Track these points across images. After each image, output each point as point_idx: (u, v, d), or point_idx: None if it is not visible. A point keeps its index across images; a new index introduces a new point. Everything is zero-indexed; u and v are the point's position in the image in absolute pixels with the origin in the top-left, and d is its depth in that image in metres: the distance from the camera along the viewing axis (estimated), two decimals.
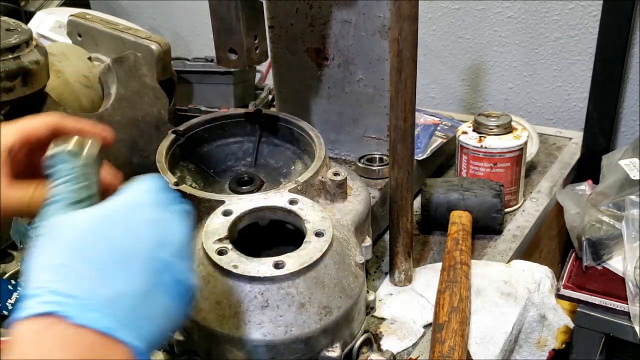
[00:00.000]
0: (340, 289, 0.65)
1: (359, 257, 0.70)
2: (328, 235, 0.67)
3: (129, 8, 2.03)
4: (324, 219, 0.69)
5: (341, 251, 0.68)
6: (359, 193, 0.81)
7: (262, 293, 0.62)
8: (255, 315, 0.62)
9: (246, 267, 0.63)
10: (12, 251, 0.93)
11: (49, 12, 1.52)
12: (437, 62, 1.53)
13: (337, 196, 0.79)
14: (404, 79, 0.77)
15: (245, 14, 0.81)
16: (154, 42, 1.09)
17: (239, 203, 0.73)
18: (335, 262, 0.66)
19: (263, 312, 0.62)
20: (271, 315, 0.62)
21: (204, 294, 0.64)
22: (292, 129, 0.93)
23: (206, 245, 0.66)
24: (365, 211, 0.79)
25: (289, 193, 0.75)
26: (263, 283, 0.62)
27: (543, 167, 1.24)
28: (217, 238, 0.67)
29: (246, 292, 0.63)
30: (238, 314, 0.63)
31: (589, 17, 1.31)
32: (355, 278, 0.68)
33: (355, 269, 0.68)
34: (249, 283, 0.63)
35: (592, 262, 1.05)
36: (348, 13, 0.97)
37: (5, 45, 0.85)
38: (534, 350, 0.87)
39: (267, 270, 0.63)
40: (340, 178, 0.78)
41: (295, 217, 0.71)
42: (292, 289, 0.62)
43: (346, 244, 0.70)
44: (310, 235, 0.67)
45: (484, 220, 0.99)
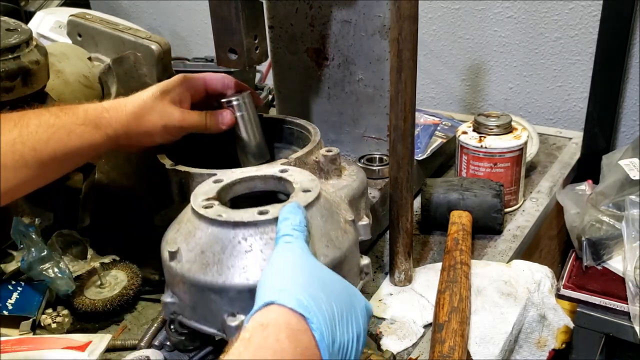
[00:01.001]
0: (328, 239, 0.65)
1: (349, 215, 0.70)
2: (315, 191, 0.67)
3: (129, 8, 2.03)
4: (312, 180, 0.70)
5: (329, 208, 0.68)
6: (354, 173, 0.82)
7: (246, 238, 0.63)
8: (239, 260, 0.62)
9: (231, 215, 0.64)
10: (12, 251, 0.93)
11: (49, 12, 1.52)
12: (437, 62, 1.53)
13: (330, 173, 0.79)
14: (404, 79, 0.77)
15: (245, 14, 0.81)
16: (154, 42, 1.09)
17: (230, 174, 0.74)
18: (322, 215, 0.66)
19: (246, 257, 0.62)
20: (255, 259, 0.62)
21: (189, 247, 0.66)
22: (292, 129, 0.93)
23: (194, 204, 0.67)
24: (360, 188, 0.79)
25: (280, 165, 0.76)
26: (247, 228, 0.63)
27: (543, 167, 1.24)
28: (205, 197, 0.68)
29: (230, 238, 0.63)
30: (221, 260, 0.63)
31: (589, 17, 1.31)
32: (345, 233, 0.68)
33: (344, 225, 0.69)
34: (233, 229, 0.63)
35: (592, 262, 1.05)
36: (348, 13, 0.97)
37: (5, 45, 0.85)
38: (534, 350, 0.87)
39: (250, 216, 0.63)
40: (333, 153, 0.79)
41: (285, 182, 0.72)
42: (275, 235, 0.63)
43: (336, 205, 0.71)
44: (297, 192, 0.68)
45: (484, 220, 0.99)
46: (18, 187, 0.72)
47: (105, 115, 0.77)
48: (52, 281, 0.84)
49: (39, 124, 0.72)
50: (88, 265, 0.92)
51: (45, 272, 0.84)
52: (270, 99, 1.42)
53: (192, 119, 0.83)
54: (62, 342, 0.76)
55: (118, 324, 0.85)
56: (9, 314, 0.82)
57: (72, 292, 0.85)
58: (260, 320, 0.51)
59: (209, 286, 0.63)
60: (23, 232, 0.85)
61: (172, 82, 0.84)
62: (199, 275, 0.64)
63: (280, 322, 0.50)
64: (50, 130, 0.73)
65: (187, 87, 0.85)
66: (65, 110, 0.75)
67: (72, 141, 0.74)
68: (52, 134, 0.73)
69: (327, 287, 0.54)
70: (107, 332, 0.83)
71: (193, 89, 0.85)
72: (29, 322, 0.82)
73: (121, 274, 0.90)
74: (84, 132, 0.75)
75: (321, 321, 0.51)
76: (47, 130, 0.72)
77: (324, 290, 0.54)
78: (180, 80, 0.85)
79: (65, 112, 0.75)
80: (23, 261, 0.84)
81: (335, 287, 0.56)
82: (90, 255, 0.93)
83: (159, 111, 0.80)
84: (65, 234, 0.94)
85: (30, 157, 0.71)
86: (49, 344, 0.76)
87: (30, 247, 0.84)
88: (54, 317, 0.83)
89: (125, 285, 0.88)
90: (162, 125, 0.80)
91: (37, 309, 0.84)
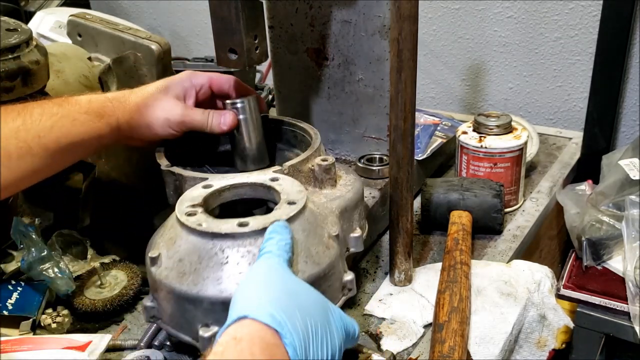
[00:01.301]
0: (307, 254, 0.65)
1: (333, 230, 0.69)
2: (299, 204, 0.67)
3: (129, 8, 2.03)
4: (300, 192, 0.69)
5: (314, 221, 0.68)
6: (350, 184, 0.81)
7: (223, 250, 0.63)
8: (215, 272, 0.62)
9: (210, 225, 0.64)
10: (12, 251, 0.93)
11: (49, 12, 1.52)
12: (437, 62, 1.53)
13: (325, 182, 0.79)
14: (404, 79, 0.77)
15: (245, 14, 0.81)
16: (154, 42, 1.09)
17: (221, 180, 0.74)
18: (304, 230, 0.66)
19: (222, 269, 0.62)
20: (230, 272, 0.62)
21: (169, 254, 0.65)
22: (296, 132, 0.93)
23: (178, 210, 0.67)
24: (354, 199, 0.79)
25: (272, 173, 0.75)
26: (224, 240, 0.63)
27: (543, 167, 1.24)
28: (190, 204, 0.68)
29: (207, 249, 0.63)
30: (198, 270, 0.63)
31: (589, 17, 1.31)
32: (326, 249, 0.67)
33: (327, 240, 0.68)
34: (212, 240, 0.63)
35: (592, 262, 1.05)
36: (348, 13, 0.97)
37: (5, 45, 0.85)
38: (534, 350, 0.87)
39: (230, 228, 0.63)
40: (328, 163, 0.78)
41: (273, 192, 0.71)
42: (254, 248, 0.62)
43: (322, 218, 0.70)
44: (283, 203, 0.68)
45: (484, 220, 0.99)
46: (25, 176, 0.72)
47: (108, 104, 0.77)
48: (52, 281, 0.84)
49: (42, 112, 0.73)
50: (88, 265, 0.92)
51: (45, 272, 0.84)
52: (270, 99, 1.42)
53: (194, 115, 0.83)
54: (62, 342, 0.76)
55: (118, 324, 0.85)
56: (9, 314, 0.82)
57: (72, 292, 0.85)
58: (233, 334, 0.50)
59: (183, 295, 0.63)
60: (23, 232, 0.85)
61: (178, 77, 0.85)
62: (175, 283, 0.64)
63: (254, 336, 0.50)
64: (54, 118, 0.73)
65: (193, 83, 0.85)
66: (69, 100, 0.76)
67: (76, 129, 0.74)
68: (56, 122, 0.73)
69: (303, 305, 0.54)
70: (107, 332, 0.83)
71: (199, 86, 0.86)
72: (29, 322, 0.82)
73: (121, 274, 0.91)
74: (87, 120, 0.75)
75: (294, 337, 0.51)
76: (51, 118, 0.73)
77: (298, 307, 0.53)
78: (186, 76, 0.85)
79: (68, 102, 0.75)
80: (23, 261, 0.84)
81: (311, 304, 0.55)
82: (90, 255, 0.94)
83: (162, 104, 0.80)
84: (65, 234, 0.94)
85: (34, 145, 0.71)
86: (49, 344, 0.76)
87: (30, 247, 0.84)
88: (54, 317, 0.83)
89: (125, 285, 0.88)
90: (164, 118, 0.80)
91: (37, 309, 0.84)
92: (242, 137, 0.87)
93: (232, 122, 0.85)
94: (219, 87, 0.88)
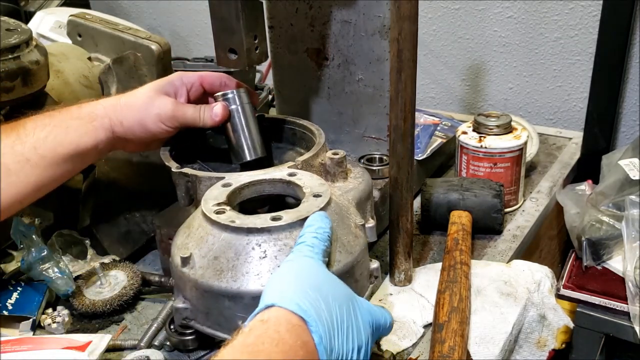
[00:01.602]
0: (340, 244, 0.65)
1: (359, 220, 0.70)
2: (325, 196, 0.68)
3: (129, 8, 2.03)
4: (322, 184, 0.70)
5: (340, 212, 0.68)
6: (360, 176, 0.82)
7: (260, 244, 0.63)
8: (254, 267, 0.62)
9: (244, 221, 0.64)
10: (12, 251, 0.93)
11: (49, 12, 1.52)
12: (437, 62, 1.53)
13: (337, 176, 0.80)
14: (404, 79, 0.77)
15: (245, 14, 0.81)
16: (154, 42, 1.09)
17: (239, 177, 0.74)
18: (333, 220, 0.66)
19: (261, 263, 0.62)
20: (269, 266, 0.62)
21: (201, 253, 0.65)
22: (295, 130, 0.93)
23: (205, 209, 0.67)
24: (366, 190, 0.80)
25: (287, 169, 0.75)
26: (261, 234, 0.63)
27: (543, 167, 1.24)
28: (215, 202, 0.68)
29: (244, 245, 0.63)
30: (236, 267, 0.63)
31: (589, 17, 1.31)
32: (356, 238, 0.68)
33: (355, 230, 0.69)
34: (247, 235, 0.63)
35: (592, 262, 1.05)
36: (348, 13, 0.97)
37: (5, 45, 0.85)
38: (534, 350, 0.87)
39: (264, 222, 0.63)
40: (339, 156, 0.79)
41: (294, 187, 0.72)
42: (290, 240, 0.63)
43: (346, 209, 0.71)
44: (308, 197, 0.68)
45: (484, 220, 0.99)
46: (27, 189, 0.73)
47: (99, 107, 0.79)
48: (52, 281, 0.84)
49: (34, 125, 0.74)
50: (88, 265, 0.92)
51: (45, 272, 0.84)
52: (270, 99, 1.42)
53: (185, 110, 0.83)
54: (62, 342, 0.76)
55: (118, 324, 0.85)
56: (9, 314, 0.82)
57: (72, 292, 0.85)
58: (260, 317, 0.52)
59: (223, 292, 0.63)
60: (23, 232, 0.85)
61: (168, 77, 0.86)
62: (212, 281, 0.64)
63: (281, 319, 0.51)
64: (47, 128, 0.74)
65: (184, 82, 0.86)
66: (59, 110, 0.77)
67: (70, 136, 0.75)
68: (50, 131, 0.74)
69: (329, 297, 0.55)
70: (107, 332, 0.83)
71: (190, 84, 0.86)
72: (29, 322, 0.82)
73: (121, 274, 0.90)
74: (79, 125, 0.76)
75: (320, 327, 0.52)
76: (44, 128, 0.74)
77: (324, 299, 0.54)
78: (176, 76, 0.86)
79: (59, 112, 0.76)
80: (23, 261, 0.84)
81: (337, 297, 0.56)
82: (90, 255, 0.94)
83: (153, 101, 0.81)
84: (65, 234, 0.94)
85: (32, 156, 0.71)
86: (49, 344, 0.76)
87: (30, 247, 0.84)
88: (54, 317, 0.83)
89: (125, 285, 0.88)
90: (155, 114, 0.81)
91: (37, 309, 0.84)
92: (236, 127, 0.87)
93: (224, 113, 0.85)
94: (210, 84, 0.88)
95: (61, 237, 0.93)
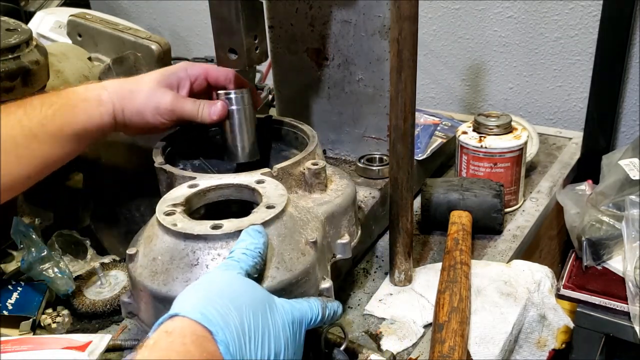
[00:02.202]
0: (279, 260, 0.64)
1: (312, 237, 0.68)
2: (278, 209, 0.66)
3: (129, 8, 2.03)
4: (281, 196, 0.69)
5: (292, 227, 0.67)
6: (341, 189, 0.80)
7: (195, 251, 0.63)
8: (184, 273, 0.62)
9: (184, 225, 0.64)
10: (12, 251, 0.93)
11: (49, 12, 1.52)
12: (437, 62, 1.53)
13: (314, 187, 0.78)
14: (404, 79, 0.77)
15: (245, 14, 0.81)
16: (154, 42, 1.09)
17: (209, 180, 0.74)
18: (279, 235, 0.65)
19: (191, 270, 0.62)
20: (199, 274, 0.62)
21: (145, 252, 0.66)
22: (297, 134, 0.92)
23: (158, 209, 0.68)
24: (342, 205, 0.77)
25: (259, 175, 0.75)
26: (196, 241, 0.63)
27: (543, 167, 1.24)
28: (171, 203, 0.68)
29: (180, 250, 0.63)
30: (169, 270, 0.63)
31: (589, 17, 1.31)
32: (302, 255, 0.66)
33: (304, 246, 0.67)
34: (184, 240, 0.63)
35: (592, 262, 1.05)
36: (348, 13, 0.97)
37: (5, 45, 0.85)
38: (534, 350, 0.87)
39: (202, 229, 0.63)
40: (317, 167, 0.77)
41: (256, 194, 0.71)
42: (225, 251, 0.62)
43: (303, 223, 0.69)
44: (261, 207, 0.67)
45: (484, 220, 0.99)
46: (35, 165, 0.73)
47: (104, 92, 0.79)
48: (52, 281, 0.84)
49: (42, 102, 0.74)
50: (88, 265, 0.92)
51: (45, 272, 0.84)
52: (270, 99, 1.42)
53: (184, 104, 0.83)
54: (62, 342, 0.76)
55: (118, 324, 0.85)
56: (9, 314, 0.82)
57: (72, 292, 0.85)
58: (164, 329, 0.51)
59: (154, 294, 0.64)
60: (23, 232, 0.85)
61: (173, 67, 0.86)
62: (147, 281, 0.64)
63: (186, 329, 0.51)
64: (54, 106, 0.74)
65: (188, 74, 0.85)
66: (66, 90, 0.77)
67: (77, 116, 0.76)
68: (57, 110, 0.74)
69: (241, 305, 0.54)
70: (107, 332, 0.83)
71: (194, 77, 0.86)
72: (29, 322, 0.82)
73: (121, 274, 0.91)
74: (87, 107, 0.76)
75: (227, 335, 0.51)
76: (51, 106, 0.74)
77: (236, 307, 0.53)
78: (182, 66, 0.86)
79: (66, 92, 0.77)
80: (23, 261, 0.84)
81: (252, 304, 0.55)
82: (90, 255, 0.94)
83: (153, 92, 0.81)
84: (65, 234, 0.94)
85: (39, 132, 0.72)
86: (49, 344, 0.76)
87: (30, 247, 0.84)
88: (54, 317, 0.83)
89: (125, 285, 0.88)
90: (153, 106, 0.81)
91: (37, 309, 0.84)
92: (233, 128, 0.87)
93: (222, 112, 0.84)
94: (215, 79, 0.87)
95: (61, 237, 0.93)
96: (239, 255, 0.60)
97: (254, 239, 0.61)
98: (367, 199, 0.95)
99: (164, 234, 0.65)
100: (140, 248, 0.68)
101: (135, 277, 0.66)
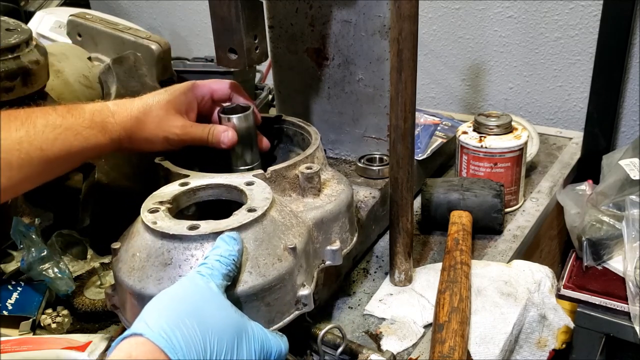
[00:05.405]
0: (254, 265, 0.64)
1: (291, 242, 0.67)
2: (258, 212, 0.66)
3: (129, 8, 2.04)
4: (265, 199, 0.69)
5: (271, 231, 0.66)
6: (335, 195, 0.78)
7: (170, 251, 0.63)
8: (157, 271, 0.63)
9: (163, 224, 0.64)
10: (12, 251, 0.93)
11: (49, 12, 1.52)
12: (437, 62, 1.53)
13: (307, 191, 0.77)
14: (404, 79, 0.77)
15: (245, 14, 0.81)
16: (154, 42, 1.09)
17: (200, 179, 0.74)
18: (256, 239, 0.65)
19: (164, 269, 0.63)
20: (171, 274, 0.62)
21: (126, 248, 0.67)
22: (304, 135, 0.92)
23: (143, 206, 0.68)
24: (333, 212, 0.76)
25: (251, 177, 0.75)
26: (172, 241, 0.63)
27: (543, 167, 1.24)
28: (158, 200, 0.69)
29: (156, 248, 0.64)
30: (144, 268, 0.64)
31: (589, 17, 1.31)
32: (278, 261, 0.65)
33: (282, 252, 0.66)
34: (161, 239, 0.64)
35: (592, 262, 1.05)
36: (348, 13, 0.97)
37: (5, 45, 0.85)
38: (534, 350, 0.87)
39: (179, 229, 0.63)
40: (311, 171, 0.76)
41: (243, 196, 0.71)
42: (199, 252, 0.62)
43: (284, 228, 0.68)
44: (243, 209, 0.67)
45: (484, 220, 0.99)
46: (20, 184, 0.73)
47: (111, 120, 0.77)
48: (52, 281, 0.84)
49: (45, 124, 0.73)
50: (88, 265, 0.92)
51: (45, 272, 0.84)
52: (270, 99, 1.42)
53: (194, 132, 0.83)
54: (62, 342, 0.76)
55: (118, 324, 0.85)
56: (9, 314, 0.82)
57: (72, 292, 0.85)
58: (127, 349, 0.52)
59: (129, 290, 0.64)
60: (23, 232, 0.85)
61: (180, 89, 0.84)
62: (124, 277, 0.65)
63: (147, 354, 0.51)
64: (57, 130, 0.73)
65: (195, 95, 0.85)
66: (72, 111, 0.76)
67: (78, 142, 0.75)
68: (59, 134, 0.73)
69: (209, 325, 0.54)
70: (107, 332, 0.83)
71: (201, 98, 0.86)
72: (29, 322, 0.82)
73: None
74: (90, 135, 0.75)
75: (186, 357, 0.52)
76: (54, 130, 0.73)
77: (202, 328, 0.54)
78: (188, 88, 0.85)
79: (71, 114, 0.75)
80: (23, 261, 0.84)
81: (220, 326, 0.55)
82: (90, 255, 0.94)
83: (163, 121, 0.80)
84: (65, 234, 0.94)
85: (36, 156, 0.71)
86: (49, 344, 0.76)
87: (30, 247, 0.84)
88: (54, 317, 0.83)
89: None
90: (163, 136, 0.80)
91: (37, 309, 0.84)
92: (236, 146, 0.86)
93: (232, 141, 0.84)
94: (219, 97, 0.89)
95: (61, 237, 0.93)
96: (212, 262, 0.60)
97: (228, 245, 0.61)
98: (367, 199, 0.95)
99: (144, 231, 0.66)
100: (124, 243, 0.69)
101: (116, 272, 0.67)
